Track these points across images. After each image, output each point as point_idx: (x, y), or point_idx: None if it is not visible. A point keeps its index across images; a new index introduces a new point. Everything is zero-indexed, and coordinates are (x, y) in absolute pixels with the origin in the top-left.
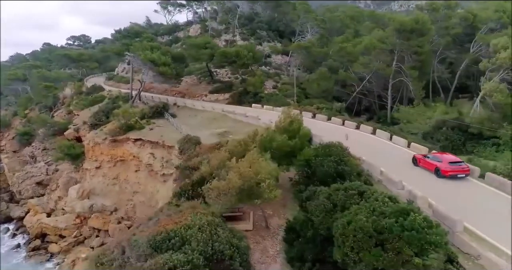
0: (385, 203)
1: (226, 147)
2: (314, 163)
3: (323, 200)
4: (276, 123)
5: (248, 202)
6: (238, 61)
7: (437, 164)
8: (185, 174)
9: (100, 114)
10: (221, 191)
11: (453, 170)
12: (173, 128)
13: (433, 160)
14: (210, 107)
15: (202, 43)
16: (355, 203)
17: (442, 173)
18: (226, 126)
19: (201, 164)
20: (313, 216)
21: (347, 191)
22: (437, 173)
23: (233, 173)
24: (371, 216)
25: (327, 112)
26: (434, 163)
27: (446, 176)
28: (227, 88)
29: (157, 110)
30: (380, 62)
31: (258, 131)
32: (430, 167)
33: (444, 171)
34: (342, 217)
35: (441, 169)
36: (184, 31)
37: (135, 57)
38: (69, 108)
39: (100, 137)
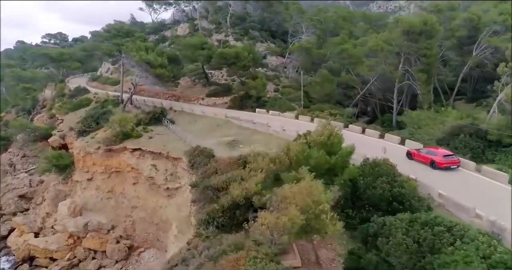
0: (491, 246)
1: (255, 164)
2: (363, 183)
3: (402, 237)
4: (311, 136)
5: (305, 237)
6: (238, 63)
7: (433, 157)
8: (207, 195)
9: (89, 120)
10: (276, 227)
11: (447, 162)
12: (175, 137)
13: (428, 153)
14: (211, 112)
15: (199, 44)
16: (448, 244)
17: (438, 165)
18: (233, 134)
19: (228, 184)
20: (391, 257)
21: (429, 226)
22: (433, 165)
23: (291, 204)
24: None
25: (342, 119)
26: (429, 156)
27: (441, 168)
28: (225, 91)
29: (155, 116)
30: (386, 65)
31: (290, 146)
32: (425, 160)
33: (439, 163)
34: (443, 265)
35: (437, 162)
36: (172, 30)
37: (127, 58)
38: (51, 112)
39: (92, 146)
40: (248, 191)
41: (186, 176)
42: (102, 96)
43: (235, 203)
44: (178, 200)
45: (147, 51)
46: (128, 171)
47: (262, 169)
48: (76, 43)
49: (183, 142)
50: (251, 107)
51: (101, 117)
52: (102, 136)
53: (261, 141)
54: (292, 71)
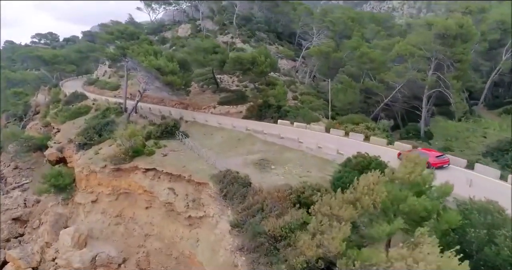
0: None
1: (325, 207)
2: (474, 237)
3: None
4: (397, 173)
5: None
6: (254, 68)
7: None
8: (261, 245)
9: (90, 132)
10: None
11: (440, 162)
12: (193, 154)
13: (420, 155)
14: (228, 124)
15: (210, 47)
16: None
17: (432, 165)
18: (258, 151)
19: (289, 232)
20: None
21: None
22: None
23: None
24: None
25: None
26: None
27: (435, 167)
28: (238, 99)
29: (167, 129)
30: (416, 71)
31: (373, 185)
32: None
33: (433, 163)
34: None
35: (431, 162)
36: (172, 31)
37: (133, 63)
38: (45, 120)
39: (97, 164)
40: (328, 250)
41: (214, 204)
42: (102, 104)
43: (312, 268)
44: (203, 232)
45: (155, 56)
46: (139, 193)
47: (343, 218)
48: (68, 43)
49: (205, 161)
50: (272, 118)
51: (104, 128)
52: (107, 152)
53: (294, 160)
54: (304, 76)
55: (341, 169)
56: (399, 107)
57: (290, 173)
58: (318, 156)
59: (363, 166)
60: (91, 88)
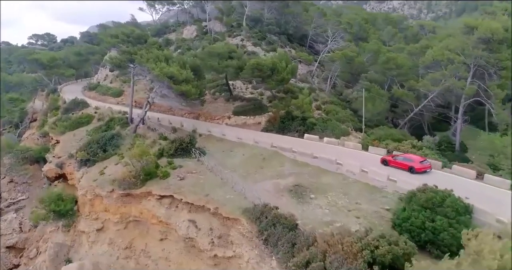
0: None
1: None
2: None
3: None
4: None
5: None
6: (275, 75)
7: (410, 164)
8: None
9: (93, 147)
10: None
11: (424, 167)
12: (215, 177)
13: (405, 160)
14: (249, 138)
15: (225, 52)
16: None
17: (416, 170)
18: (290, 173)
19: None
20: None
21: None
22: (411, 170)
23: None
24: None
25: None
26: (406, 163)
27: (419, 172)
28: (256, 108)
29: (181, 146)
30: (454, 78)
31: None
32: (403, 166)
33: (418, 168)
34: None
35: (415, 167)
36: (177, 33)
37: (142, 70)
38: (43, 130)
39: (103, 188)
40: None
41: (247, 245)
42: (106, 113)
43: None
44: None
45: (167, 62)
46: (153, 223)
47: None
48: (66, 44)
49: (230, 187)
50: (297, 132)
51: (108, 143)
52: (114, 172)
53: (335, 186)
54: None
55: (405, 206)
56: (428, 116)
57: (335, 204)
58: (362, 181)
59: (434, 204)
60: (92, 94)
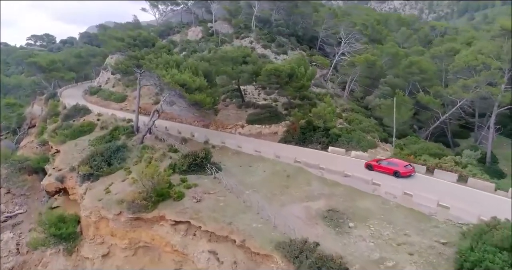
0: None
1: None
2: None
3: None
4: None
5: None
6: (295, 82)
7: (395, 168)
8: None
9: (97, 159)
10: None
11: (408, 171)
12: (235, 199)
13: (390, 165)
14: (269, 152)
15: (240, 56)
16: None
17: (401, 174)
18: (320, 195)
19: None
20: None
21: None
22: (396, 175)
23: None
24: None
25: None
26: (391, 167)
27: (404, 176)
28: (272, 117)
29: (195, 162)
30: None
31: None
32: (388, 170)
33: (403, 173)
34: None
35: (400, 172)
36: (181, 34)
37: (151, 77)
38: (42, 138)
39: (110, 209)
40: None
41: None
42: (109, 120)
43: None
44: None
45: (178, 68)
46: (166, 251)
47: None
48: (65, 45)
49: (256, 213)
50: (319, 144)
51: (113, 155)
52: (121, 190)
53: (375, 212)
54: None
55: (472, 244)
56: (452, 124)
57: (380, 236)
58: (406, 206)
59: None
60: (93, 98)
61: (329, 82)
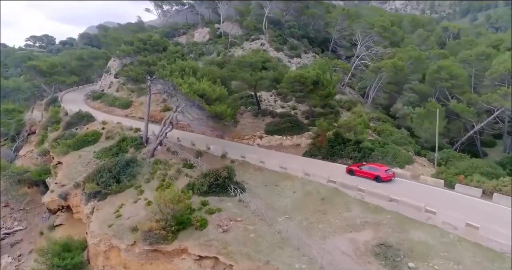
0: None
1: None
2: None
3: None
4: None
5: None
6: (320, 90)
7: (376, 173)
8: None
9: (105, 176)
10: None
11: (388, 176)
12: (267, 229)
13: (371, 170)
14: (297, 169)
15: (259, 61)
16: None
17: (382, 179)
18: (363, 223)
19: None
20: None
21: None
22: (377, 179)
23: None
24: None
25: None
26: (373, 172)
27: (385, 181)
28: (293, 127)
29: (217, 182)
30: None
31: None
32: (369, 175)
33: (383, 177)
34: None
35: (381, 176)
36: (187, 36)
37: (166, 85)
38: (43, 147)
39: (122, 238)
40: None
41: None
42: (115, 129)
43: None
44: None
45: (194, 75)
46: None
47: None
48: (64, 46)
49: (295, 248)
50: (350, 159)
51: (123, 171)
52: (133, 213)
53: (435, 248)
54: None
55: None
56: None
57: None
58: (470, 240)
59: None
60: (96, 104)
61: (346, 88)
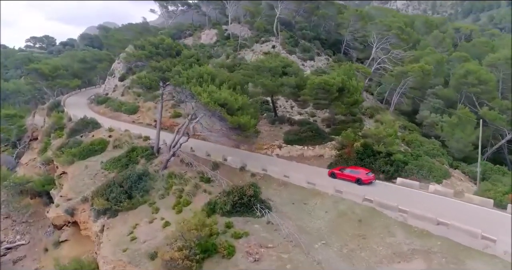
0: None
1: None
2: None
3: None
4: None
5: None
6: (346, 97)
7: (357, 175)
8: None
9: (115, 191)
10: None
11: (369, 178)
12: (304, 257)
13: (352, 172)
14: (328, 186)
15: (279, 67)
16: None
17: (363, 181)
18: (411, 251)
19: None
20: None
21: None
22: (358, 182)
23: None
24: None
25: None
26: (354, 175)
27: (366, 183)
28: (314, 136)
29: (241, 200)
30: None
31: None
32: (351, 178)
33: (364, 180)
34: None
35: (362, 179)
36: (194, 37)
37: (184, 94)
38: (46, 155)
39: (139, 265)
40: None
41: None
42: (123, 138)
43: None
44: None
45: (213, 82)
46: None
47: None
48: (65, 47)
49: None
50: (382, 173)
51: (134, 186)
52: (150, 236)
53: None
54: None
55: None
56: None
57: None
58: None
59: None
60: (101, 109)
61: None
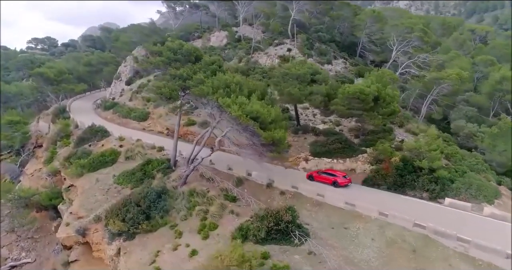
0: None
1: None
2: None
3: None
4: None
5: None
6: (382, 107)
7: (334, 178)
8: None
9: (133, 211)
10: None
11: (345, 181)
12: None
13: (329, 175)
14: (371, 208)
15: (307, 74)
16: None
17: (340, 184)
18: None
19: None
20: None
21: None
22: (335, 184)
23: None
24: None
25: None
26: (331, 178)
27: (342, 186)
28: (345, 148)
29: (277, 226)
30: None
31: None
32: (327, 180)
33: (341, 182)
34: None
35: (339, 181)
36: (203, 39)
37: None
38: (52, 166)
39: None
40: None
41: None
42: (136, 148)
43: None
44: None
45: (241, 92)
46: None
47: None
48: (67, 48)
49: None
50: (426, 191)
51: (154, 206)
52: (175, 266)
53: None
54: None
55: None
56: None
57: None
58: None
59: None
60: (108, 114)
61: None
